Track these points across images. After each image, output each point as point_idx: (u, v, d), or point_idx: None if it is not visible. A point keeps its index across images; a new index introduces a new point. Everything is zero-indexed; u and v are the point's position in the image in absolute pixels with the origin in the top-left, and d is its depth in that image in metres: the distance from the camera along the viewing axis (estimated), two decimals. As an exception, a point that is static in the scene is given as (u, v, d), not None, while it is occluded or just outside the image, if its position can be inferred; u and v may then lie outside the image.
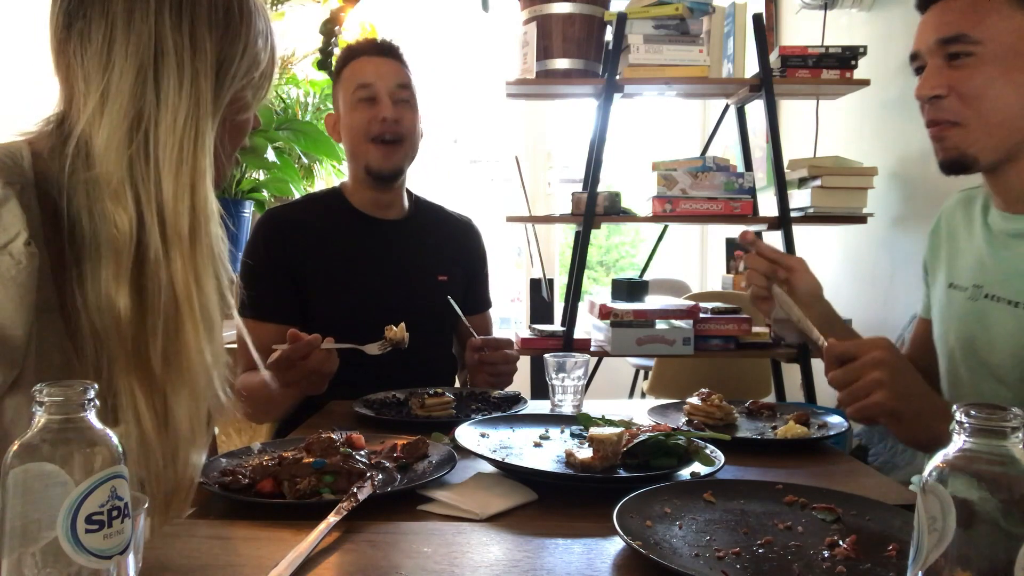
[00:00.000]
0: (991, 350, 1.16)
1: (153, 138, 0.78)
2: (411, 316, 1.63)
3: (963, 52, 1.07)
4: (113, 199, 0.76)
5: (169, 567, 0.72)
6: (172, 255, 0.78)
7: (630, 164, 4.23)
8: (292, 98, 3.48)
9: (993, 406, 0.54)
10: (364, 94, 1.60)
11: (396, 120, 1.59)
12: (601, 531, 0.80)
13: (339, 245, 1.62)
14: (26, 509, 0.54)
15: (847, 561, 0.72)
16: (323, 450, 0.95)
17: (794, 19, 3.36)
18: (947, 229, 1.30)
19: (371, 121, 1.59)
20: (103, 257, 0.76)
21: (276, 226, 1.63)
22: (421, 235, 1.71)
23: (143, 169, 0.77)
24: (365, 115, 1.59)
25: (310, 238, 1.61)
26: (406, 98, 1.63)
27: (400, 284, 1.63)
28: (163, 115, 0.78)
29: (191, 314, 0.78)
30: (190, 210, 0.80)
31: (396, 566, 0.72)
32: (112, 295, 0.75)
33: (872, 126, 2.78)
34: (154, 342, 0.77)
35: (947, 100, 1.09)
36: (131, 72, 0.77)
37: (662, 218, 2.44)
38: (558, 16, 2.39)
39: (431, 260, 1.70)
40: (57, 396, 0.55)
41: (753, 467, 1.07)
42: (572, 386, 1.34)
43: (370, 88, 1.60)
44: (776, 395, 2.64)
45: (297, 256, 1.59)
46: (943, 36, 1.09)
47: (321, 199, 1.75)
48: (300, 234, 1.61)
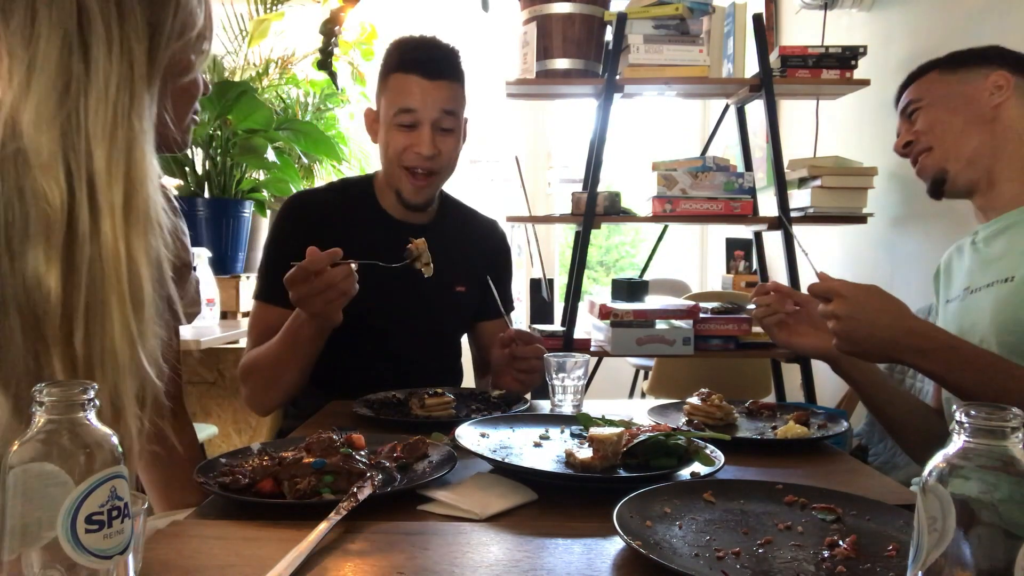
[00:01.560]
0: (975, 334, 1.27)
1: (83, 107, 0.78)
2: (423, 327, 1.63)
3: (915, 108, 1.46)
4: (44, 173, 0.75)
5: (169, 567, 0.72)
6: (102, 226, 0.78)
7: (630, 164, 4.23)
8: (292, 98, 3.49)
9: (993, 406, 0.54)
10: (406, 120, 1.51)
11: (434, 155, 1.53)
12: (601, 531, 0.80)
13: (361, 243, 1.50)
14: (26, 509, 0.54)
15: (847, 561, 0.72)
16: (323, 450, 0.94)
17: (794, 19, 3.36)
18: (944, 268, 1.51)
19: (407, 149, 1.52)
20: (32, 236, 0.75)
21: (302, 211, 1.59)
22: (445, 242, 1.61)
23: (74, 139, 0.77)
24: (402, 140, 1.52)
25: (333, 229, 1.53)
26: (450, 126, 1.55)
27: (417, 294, 1.56)
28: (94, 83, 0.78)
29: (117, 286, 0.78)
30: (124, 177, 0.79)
31: (396, 566, 0.72)
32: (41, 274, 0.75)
33: (872, 126, 2.78)
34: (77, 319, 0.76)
35: (915, 142, 1.46)
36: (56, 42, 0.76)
37: (662, 218, 2.44)
38: (558, 16, 2.39)
39: (452, 271, 1.63)
40: (57, 396, 0.55)
41: (753, 467, 1.07)
42: (572, 386, 1.34)
43: (413, 115, 1.51)
44: (776, 395, 2.64)
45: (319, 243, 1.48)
46: (902, 107, 1.50)
47: (351, 189, 1.66)
48: (324, 223, 1.56)
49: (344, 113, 3.63)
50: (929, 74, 1.47)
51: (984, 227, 1.40)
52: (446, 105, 1.52)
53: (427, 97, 1.50)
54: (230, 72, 3.33)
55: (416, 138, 1.52)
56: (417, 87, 1.50)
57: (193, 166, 3.07)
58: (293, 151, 3.19)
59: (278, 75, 3.47)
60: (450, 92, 1.53)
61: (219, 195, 3.03)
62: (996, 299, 1.26)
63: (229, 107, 2.90)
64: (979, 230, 1.41)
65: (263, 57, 3.47)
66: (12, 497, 0.54)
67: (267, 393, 1.50)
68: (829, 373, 1.42)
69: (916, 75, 1.49)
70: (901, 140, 1.49)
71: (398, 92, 1.52)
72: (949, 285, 1.47)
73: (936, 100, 1.43)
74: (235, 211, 3.03)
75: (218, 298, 2.79)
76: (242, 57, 3.42)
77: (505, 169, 4.41)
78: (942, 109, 1.42)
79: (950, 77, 1.43)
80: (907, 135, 1.47)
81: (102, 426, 0.57)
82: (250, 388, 1.51)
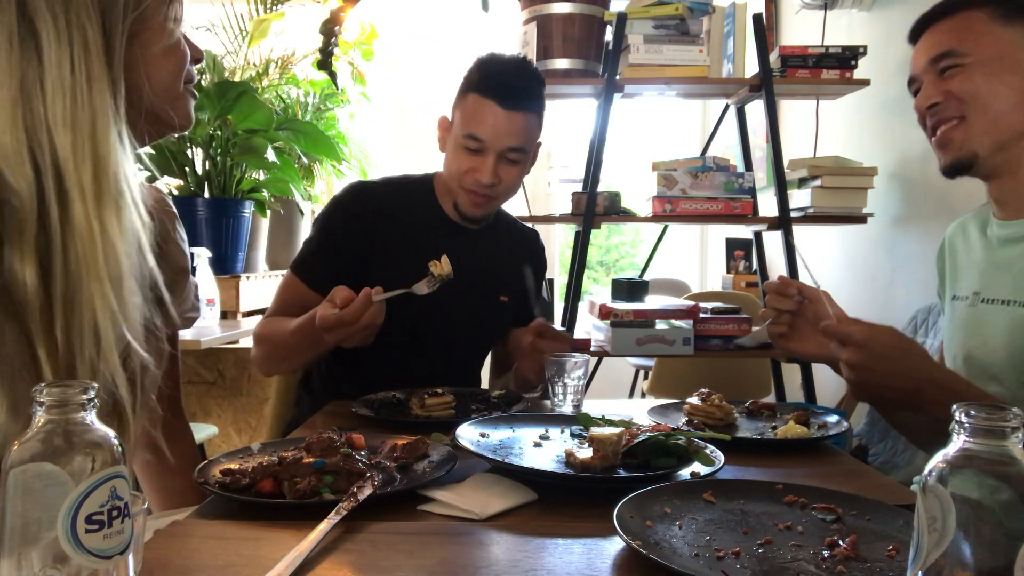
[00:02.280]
0: (987, 351, 1.19)
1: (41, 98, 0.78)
2: (465, 336, 1.63)
3: (953, 64, 1.17)
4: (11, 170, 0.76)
5: (169, 567, 0.72)
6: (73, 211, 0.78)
7: (630, 164, 4.23)
8: (292, 98, 3.49)
9: (993, 406, 0.54)
10: (473, 145, 1.48)
11: (494, 184, 1.50)
12: (601, 531, 0.80)
13: (416, 240, 1.54)
14: (26, 509, 0.54)
15: (847, 561, 0.72)
16: (323, 450, 0.94)
17: (794, 19, 3.36)
18: (949, 251, 1.37)
19: (469, 172, 1.50)
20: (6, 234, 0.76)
21: (360, 201, 1.57)
22: (495, 249, 1.65)
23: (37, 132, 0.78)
24: (466, 163, 1.50)
25: (388, 222, 1.54)
26: (516, 159, 1.51)
27: (465, 298, 1.54)
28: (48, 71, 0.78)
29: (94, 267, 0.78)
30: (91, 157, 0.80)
31: (396, 566, 0.72)
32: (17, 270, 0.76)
33: (872, 126, 2.78)
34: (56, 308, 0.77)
35: (943, 104, 1.19)
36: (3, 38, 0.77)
37: (662, 218, 2.44)
38: (558, 16, 2.39)
39: (498, 278, 1.64)
40: (57, 396, 0.55)
41: (753, 467, 1.07)
42: (572, 386, 1.34)
43: (480, 143, 1.47)
44: (776, 395, 2.64)
45: (369, 235, 1.53)
46: (933, 55, 1.20)
47: (413, 186, 1.64)
48: (381, 217, 1.55)
49: (344, 113, 3.63)
50: (975, 12, 1.17)
51: (1001, 224, 1.23)
52: (515, 141, 1.49)
53: (499, 128, 1.47)
54: (230, 72, 3.33)
55: (479, 164, 1.49)
56: (491, 116, 1.47)
57: (193, 166, 3.07)
58: (293, 151, 3.18)
59: (278, 75, 3.47)
60: (523, 125, 1.49)
61: (219, 195, 3.02)
62: (1012, 323, 1.15)
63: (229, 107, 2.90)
64: (993, 223, 1.25)
65: (263, 57, 3.47)
66: (12, 497, 0.54)
67: (276, 365, 1.55)
68: (829, 373, 1.41)
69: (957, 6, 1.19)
70: (926, 97, 1.21)
71: (471, 115, 1.49)
72: (956, 277, 1.33)
73: (985, 61, 1.15)
74: (235, 211, 3.03)
75: (218, 298, 2.79)
76: (242, 57, 3.42)
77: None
78: (990, 75, 1.15)
79: (1004, 32, 1.15)
80: (935, 93, 1.19)
81: (102, 426, 0.57)
82: (261, 354, 1.52)
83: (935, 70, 1.19)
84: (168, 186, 3.23)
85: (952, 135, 1.19)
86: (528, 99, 1.49)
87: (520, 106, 1.48)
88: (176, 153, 3.04)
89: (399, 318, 1.40)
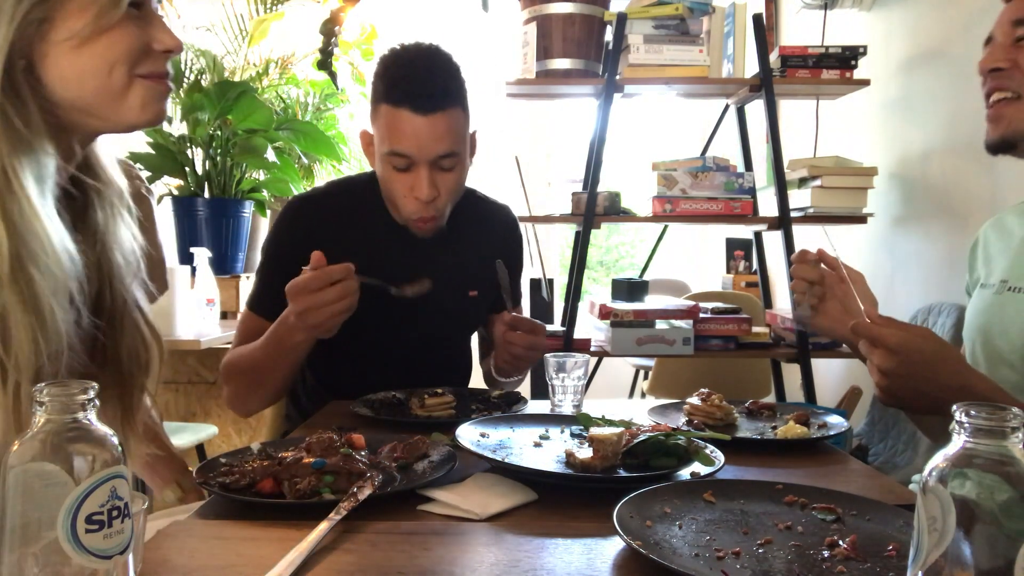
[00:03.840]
0: (1005, 338, 1.18)
1: None
2: (435, 333, 1.57)
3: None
4: None
5: (169, 567, 0.72)
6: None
7: (630, 164, 4.23)
8: (292, 98, 3.49)
9: (993, 406, 0.54)
10: (400, 163, 1.35)
11: (434, 198, 1.37)
12: (601, 531, 0.80)
13: (366, 247, 1.43)
14: (26, 509, 0.54)
15: (847, 561, 0.72)
16: (323, 450, 0.94)
17: (794, 19, 3.36)
18: (983, 245, 1.33)
19: (406, 195, 1.38)
20: None
21: (302, 217, 1.48)
22: (457, 244, 1.53)
23: None
24: (400, 183, 1.37)
25: (336, 231, 1.44)
26: (450, 166, 1.37)
27: (430, 304, 1.42)
28: None
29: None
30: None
31: (396, 566, 0.72)
32: None
33: (872, 126, 2.78)
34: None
35: (1007, 72, 1.12)
36: None
37: (662, 218, 2.44)
38: (558, 16, 2.40)
39: (465, 276, 1.54)
40: (57, 396, 0.55)
41: (753, 467, 1.06)
42: (572, 386, 1.34)
43: (407, 159, 1.34)
44: (776, 395, 2.64)
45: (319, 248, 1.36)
46: (1018, 16, 1.12)
47: (355, 189, 1.53)
48: (325, 225, 1.46)
49: (344, 113, 3.63)
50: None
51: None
52: (444, 147, 1.34)
53: (421, 137, 1.32)
54: (230, 72, 3.33)
55: (412, 181, 1.36)
56: (409, 126, 1.31)
57: (193, 166, 3.07)
58: (293, 151, 3.19)
59: (278, 75, 3.47)
60: (447, 126, 1.33)
61: (219, 195, 3.03)
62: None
63: (229, 107, 2.90)
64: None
65: (263, 57, 3.47)
66: (12, 497, 0.54)
67: (249, 396, 1.45)
68: (829, 373, 1.40)
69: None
70: (993, 59, 1.14)
71: (389, 129, 1.34)
72: (989, 263, 1.29)
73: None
74: (235, 211, 3.04)
75: (218, 298, 2.79)
76: (242, 57, 3.42)
77: (505, 169, 4.41)
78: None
79: None
80: (1003, 58, 1.12)
81: (102, 426, 0.57)
82: (232, 389, 1.47)
83: (1013, 34, 1.12)
84: (168, 186, 3.24)
85: (1004, 110, 1.13)
86: (445, 97, 1.33)
87: (438, 107, 1.31)
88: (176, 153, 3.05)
89: (369, 325, 1.38)
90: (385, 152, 1.36)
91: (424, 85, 1.32)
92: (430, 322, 1.53)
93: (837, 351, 2.41)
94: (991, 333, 1.21)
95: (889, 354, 1.00)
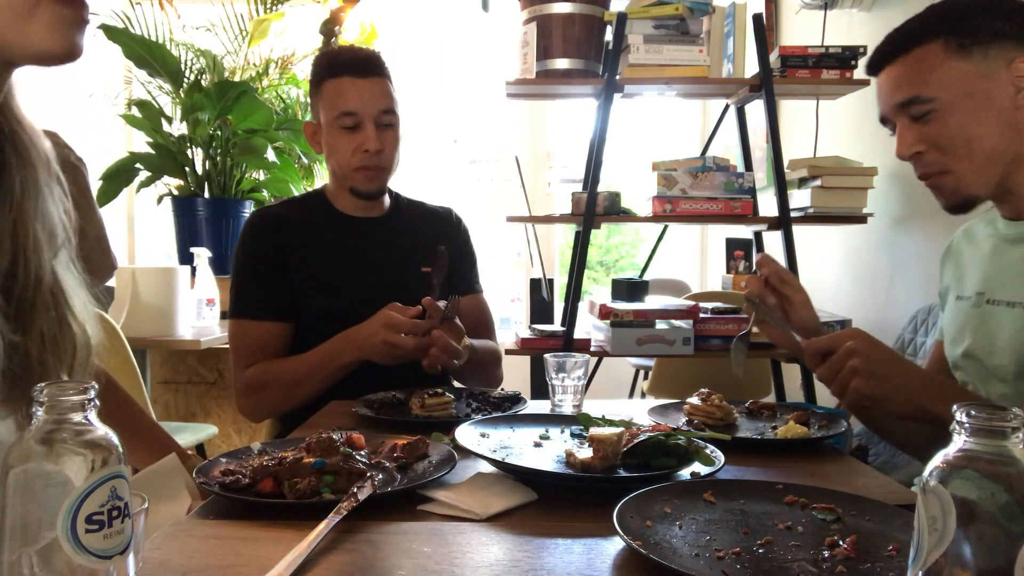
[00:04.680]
0: (992, 352, 1.18)
1: None
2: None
3: (923, 111, 1.13)
4: None
5: (169, 567, 0.72)
6: None
7: (630, 164, 4.23)
8: (292, 98, 3.49)
9: (993, 406, 0.54)
10: (348, 122, 1.58)
11: (380, 150, 1.59)
12: (601, 531, 0.80)
13: (322, 244, 1.64)
14: (26, 509, 0.54)
15: (847, 561, 0.72)
16: (323, 450, 0.94)
17: (794, 19, 3.36)
18: (955, 252, 1.35)
19: (355, 151, 1.59)
20: None
21: (263, 224, 1.65)
22: (402, 230, 1.73)
23: None
24: (349, 143, 1.59)
25: (295, 237, 1.63)
26: (390, 122, 1.61)
27: (384, 278, 1.64)
28: None
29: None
30: None
31: (396, 566, 0.72)
32: None
33: (872, 126, 2.77)
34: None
35: (928, 155, 1.15)
36: None
37: (662, 218, 2.44)
38: (558, 16, 2.39)
39: (413, 253, 1.69)
40: (57, 396, 0.55)
41: (753, 467, 1.06)
42: (572, 386, 1.34)
43: (354, 116, 1.57)
44: (776, 395, 2.64)
45: (284, 254, 1.61)
46: (898, 101, 1.15)
47: (304, 201, 1.76)
48: (286, 233, 1.63)
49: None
50: (929, 48, 1.12)
51: (1007, 224, 1.20)
52: (383, 103, 1.59)
53: (365, 96, 1.57)
54: (230, 72, 3.33)
55: (361, 138, 1.58)
56: (353, 88, 1.57)
57: (193, 166, 3.07)
58: (293, 151, 3.19)
59: (278, 75, 3.47)
60: (383, 88, 1.60)
61: (219, 195, 3.03)
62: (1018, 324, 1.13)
63: (229, 107, 2.90)
64: (999, 222, 1.23)
65: (263, 57, 3.47)
66: (12, 497, 0.54)
67: (279, 406, 1.59)
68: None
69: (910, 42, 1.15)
70: (907, 146, 1.16)
71: (336, 96, 1.58)
72: (961, 277, 1.30)
73: (954, 102, 1.11)
74: (235, 211, 3.04)
75: (218, 298, 2.79)
76: (242, 57, 3.42)
77: (505, 169, 4.41)
78: (964, 117, 1.11)
79: (964, 65, 1.10)
80: (915, 141, 1.15)
81: (102, 425, 0.57)
82: (258, 400, 1.57)
83: (907, 114, 1.15)
84: (168, 186, 3.24)
85: (940, 184, 1.16)
86: (377, 66, 1.61)
87: (374, 72, 1.60)
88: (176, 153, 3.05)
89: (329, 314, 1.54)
90: (335, 116, 1.58)
91: (359, 57, 1.61)
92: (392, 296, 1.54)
93: (837, 351, 2.41)
94: (975, 348, 1.21)
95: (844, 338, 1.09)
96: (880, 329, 2.65)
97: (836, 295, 3.00)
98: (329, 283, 1.61)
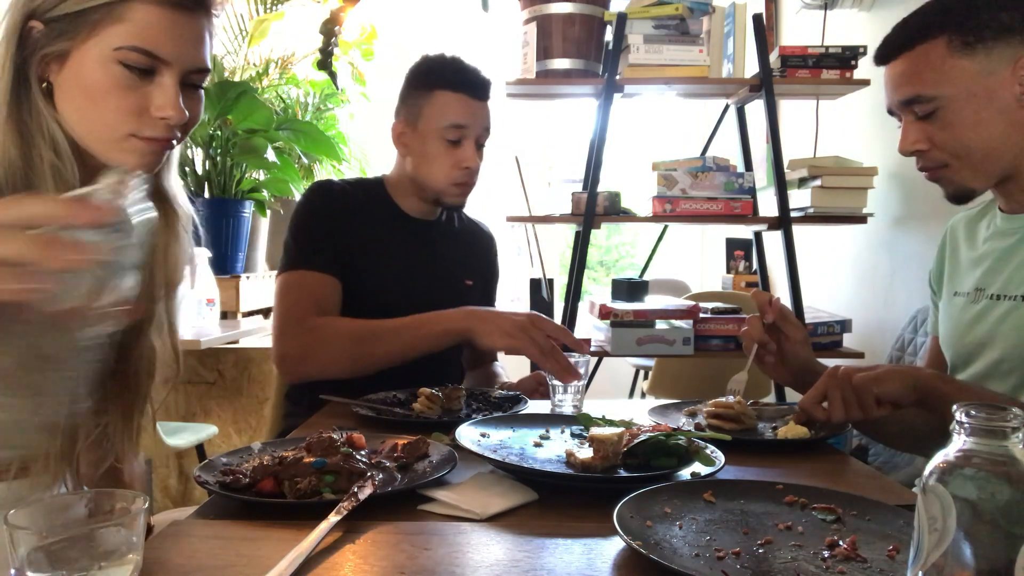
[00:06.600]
0: (991, 347, 1.18)
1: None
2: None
3: (926, 110, 1.14)
4: None
5: (169, 567, 0.72)
6: None
7: (630, 164, 4.23)
8: (292, 98, 3.49)
9: (993, 406, 0.54)
10: (454, 136, 1.61)
11: (477, 169, 1.65)
12: (601, 531, 0.80)
13: (377, 234, 1.64)
14: None
15: (847, 561, 0.72)
16: (323, 450, 0.94)
17: (794, 19, 3.36)
18: (950, 245, 1.35)
19: (455, 166, 1.61)
20: None
21: (331, 194, 1.65)
22: (451, 238, 1.76)
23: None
24: (450, 157, 1.61)
25: (353, 219, 1.63)
26: (484, 144, 1.68)
27: (431, 283, 1.66)
28: None
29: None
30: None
31: (396, 566, 0.72)
32: None
33: (872, 126, 2.78)
34: None
35: (930, 151, 1.16)
36: None
37: (662, 218, 2.44)
38: (558, 16, 2.39)
39: (460, 264, 1.74)
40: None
41: (753, 467, 1.06)
42: (572, 386, 1.34)
43: (463, 131, 1.61)
44: (776, 395, 2.64)
45: (340, 231, 1.60)
46: (901, 99, 1.17)
47: (366, 186, 1.73)
48: (346, 212, 1.63)
49: (344, 113, 3.63)
50: (932, 46, 1.12)
51: (1005, 218, 1.22)
52: (488, 127, 1.66)
53: (477, 115, 1.63)
54: (230, 72, 3.33)
55: (462, 154, 1.62)
56: (468, 107, 1.62)
57: (193, 166, 3.07)
58: (293, 151, 3.18)
59: (278, 75, 3.47)
60: (488, 113, 1.67)
61: (219, 195, 3.02)
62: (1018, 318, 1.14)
63: (229, 107, 2.90)
64: (998, 216, 1.24)
65: (263, 57, 3.47)
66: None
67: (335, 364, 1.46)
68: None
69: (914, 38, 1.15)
70: (910, 143, 1.17)
71: (449, 108, 1.61)
72: (957, 272, 1.30)
73: (957, 101, 1.12)
74: (235, 211, 3.03)
75: (218, 298, 2.79)
76: (242, 57, 3.42)
77: (505, 169, 4.41)
78: (967, 116, 1.11)
79: (967, 64, 1.10)
80: (920, 138, 1.16)
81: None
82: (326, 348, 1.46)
83: (911, 111, 1.16)
84: None
85: (942, 177, 1.18)
86: (488, 92, 1.67)
87: (487, 97, 1.66)
88: (176, 153, 3.03)
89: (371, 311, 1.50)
90: (443, 126, 1.60)
91: (480, 79, 1.65)
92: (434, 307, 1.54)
93: (837, 351, 2.41)
94: (974, 343, 1.22)
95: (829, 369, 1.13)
96: (880, 329, 2.65)
97: (836, 295, 3.00)
98: (378, 275, 1.61)
